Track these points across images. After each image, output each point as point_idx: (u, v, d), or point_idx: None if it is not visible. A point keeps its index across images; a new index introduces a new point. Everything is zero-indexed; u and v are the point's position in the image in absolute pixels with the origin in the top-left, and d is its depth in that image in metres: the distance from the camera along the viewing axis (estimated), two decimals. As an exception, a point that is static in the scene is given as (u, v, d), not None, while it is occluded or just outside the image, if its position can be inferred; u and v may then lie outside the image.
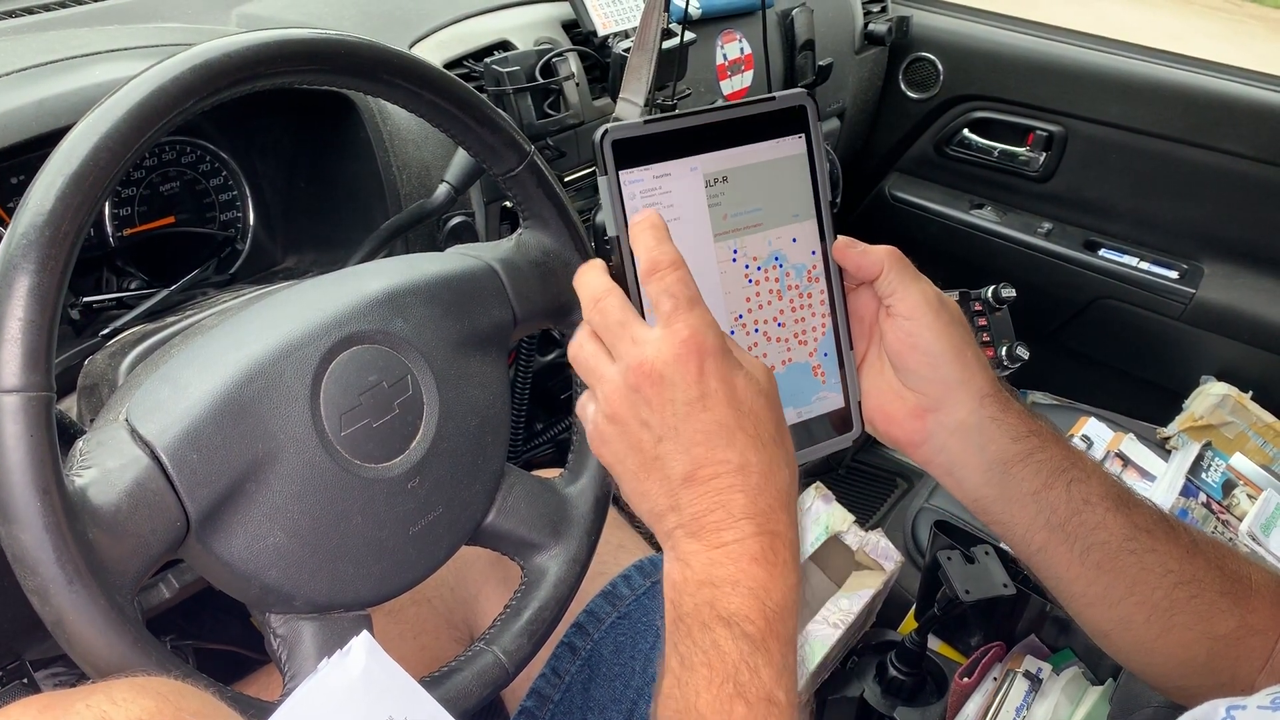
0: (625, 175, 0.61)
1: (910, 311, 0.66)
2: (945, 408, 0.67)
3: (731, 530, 0.55)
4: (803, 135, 0.67)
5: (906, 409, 0.68)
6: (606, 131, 0.60)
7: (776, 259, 0.67)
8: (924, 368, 0.67)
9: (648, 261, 0.57)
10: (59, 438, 0.54)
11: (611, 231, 0.62)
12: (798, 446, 0.67)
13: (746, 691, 0.51)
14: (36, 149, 0.78)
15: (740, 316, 0.66)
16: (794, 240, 0.67)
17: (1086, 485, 0.66)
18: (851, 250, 0.67)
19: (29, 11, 1.04)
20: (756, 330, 0.67)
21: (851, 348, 0.70)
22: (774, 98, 0.66)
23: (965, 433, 0.67)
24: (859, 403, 0.70)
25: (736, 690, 0.51)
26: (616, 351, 0.58)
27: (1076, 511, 0.66)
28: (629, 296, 0.60)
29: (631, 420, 0.57)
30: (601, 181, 0.61)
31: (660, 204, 0.62)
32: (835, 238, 0.68)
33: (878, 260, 0.66)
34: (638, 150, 0.62)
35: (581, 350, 0.60)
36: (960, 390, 0.66)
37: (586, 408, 0.60)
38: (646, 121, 0.62)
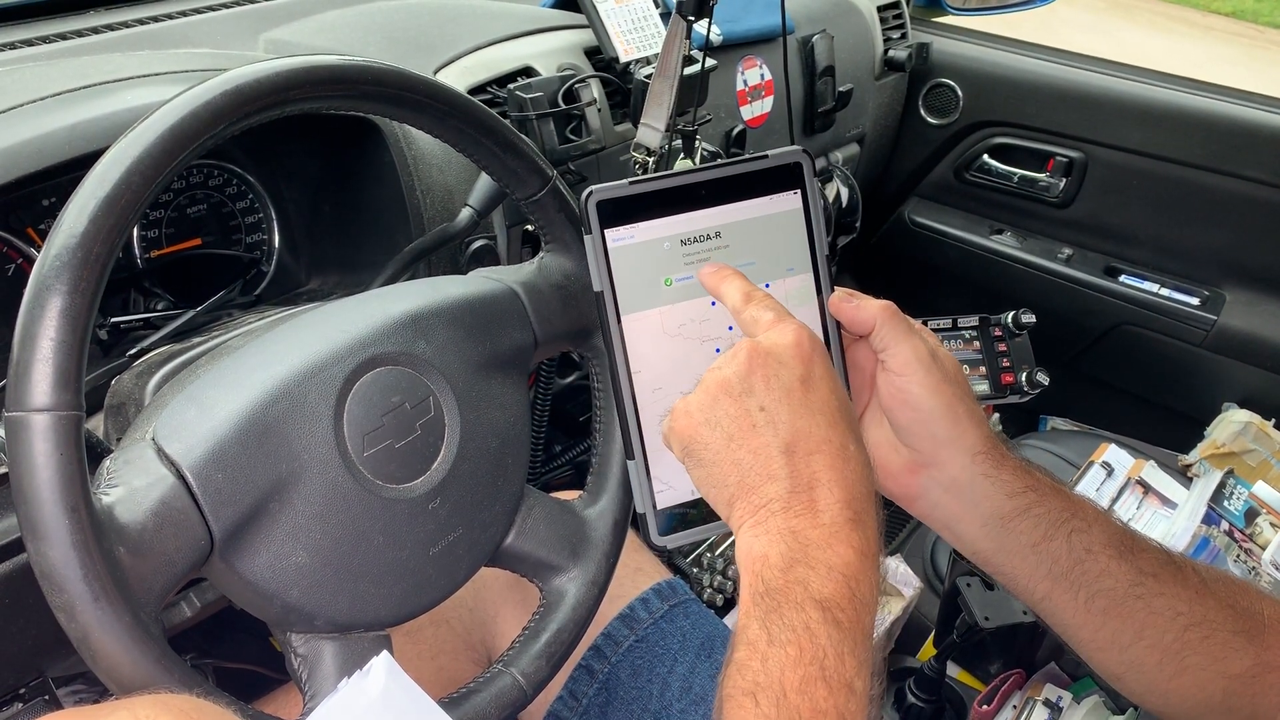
0: (610, 234, 0.63)
1: (901, 368, 0.66)
2: (938, 464, 0.67)
3: (829, 513, 0.56)
4: (798, 190, 0.66)
5: (901, 463, 0.68)
6: (591, 192, 0.62)
7: None
8: (915, 424, 0.66)
9: (740, 293, 0.62)
10: (86, 456, 0.54)
11: (597, 287, 0.63)
12: None
13: (830, 676, 0.52)
14: (69, 172, 0.79)
15: None
16: (788, 294, 0.67)
17: (1088, 535, 0.66)
18: (846, 305, 0.67)
19: (62, 37, 1.06)
20: None
21: (850, 399, 0.70)
22: (767, 156, 0.66)
23: (958, 490, 0.67)
24: None
25: (821, 673, 0.52)
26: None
27: (1079, 561, 0.66)
28: (610, 348, 0.63)
29: (736, 387, 0.58)
30: (587, 240, 0.63)
31: (644, 260, 0.64)
32: (833, 290, 0.68)
33: (871, 316, 0.66)
34: (624, 209, 0.63)
35: None
36: (951, 447, 0.66)
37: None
38: (632, 183, 0.63)
